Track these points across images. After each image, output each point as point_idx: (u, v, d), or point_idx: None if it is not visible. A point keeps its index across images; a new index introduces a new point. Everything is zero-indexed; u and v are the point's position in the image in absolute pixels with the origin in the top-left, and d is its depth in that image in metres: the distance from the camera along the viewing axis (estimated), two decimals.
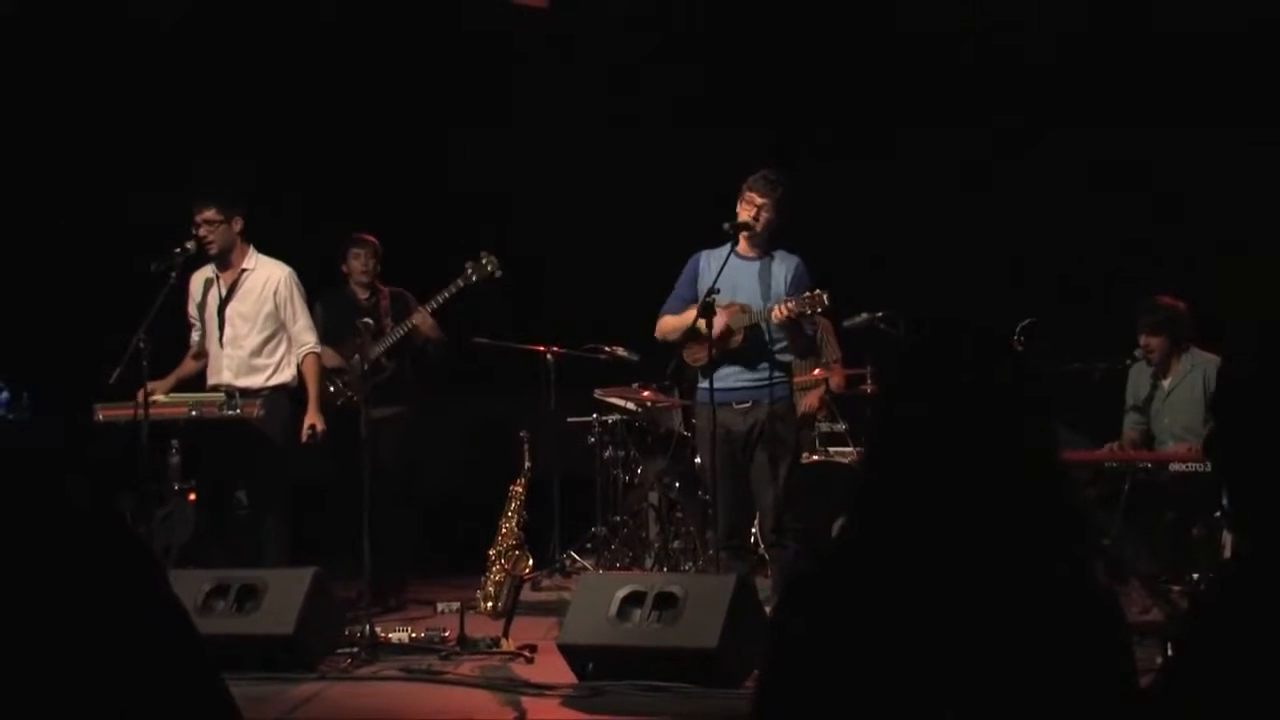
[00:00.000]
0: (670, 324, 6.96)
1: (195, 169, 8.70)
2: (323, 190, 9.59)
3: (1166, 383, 7.64)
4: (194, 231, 7.20)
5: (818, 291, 6.52)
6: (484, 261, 7.77)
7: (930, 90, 9.53)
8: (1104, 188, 9.25)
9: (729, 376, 6.82)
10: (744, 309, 6.77)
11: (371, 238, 8.28)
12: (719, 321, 6.68)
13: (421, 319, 7.92)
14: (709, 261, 6.88)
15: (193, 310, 7.47)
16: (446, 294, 7.85)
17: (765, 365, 6.81)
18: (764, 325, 6.74)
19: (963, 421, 1.98)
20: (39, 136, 9.14)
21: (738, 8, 9.84)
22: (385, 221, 8.85)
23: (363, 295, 8.17)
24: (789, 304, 6.57)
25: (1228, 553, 6.24)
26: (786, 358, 6.92)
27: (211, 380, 7.33)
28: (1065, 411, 2.99)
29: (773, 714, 2.00)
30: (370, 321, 7.40)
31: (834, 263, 7.03)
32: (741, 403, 6.83)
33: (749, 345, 6.79)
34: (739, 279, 6.82)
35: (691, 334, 6.80)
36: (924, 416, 2.00)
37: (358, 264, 8.18)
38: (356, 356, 7.54)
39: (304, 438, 7.28)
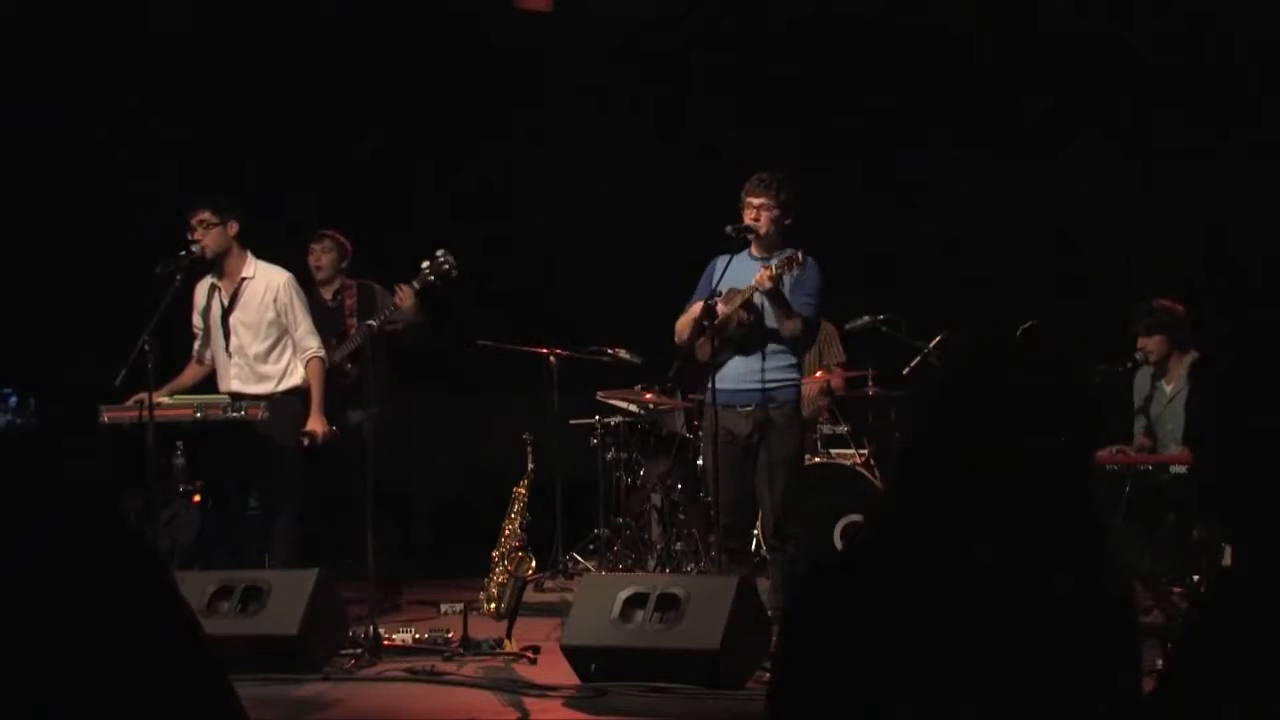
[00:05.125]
0: (683, 322, 6.96)
1: (199, 175, 8.72)
2: (327, 191, 9.61)
3: (1169, 387, 7.48)
4: (189, 235, 7.15)
5: (795, 252, 6.54)
6: (441, 260, 7.50)
7: (935, 90, 9.55)
8: (1102, 188, 9.27)
9: (734, 380, 6.81)
10: (735, 289, 6.76)
11: (333, 232, 8.11)
12: (721, 315, 6.71)
13: (403, 296, 7.60)
14: (726, 265, 6.85)
15: (197, 320, 7.43)
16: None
17: (770, 369, 6.81)
18: (758, 303, 6.72)
19: (1005, 455, 1.93)
20: (44, 138, 9.16)
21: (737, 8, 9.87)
22: (387, 223, 8.87)
23: (326, 294, 8.03)
24: (768, 268, 6.57)
25: (1228, 556, 6.24)
26: (790, 360, 6.90)
27: (222, 389, 7.31)
28: None
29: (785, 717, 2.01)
30: (366, 323, 7.39)
31: (835, 264, 7.03)
32: (745, 406, 6.83)
33: (752, 347, 6.78)
34: (746, 278, 6.81)
35: (699, 330, 6.81)
36: (961, 456, 1.95)
37: (312, 260, 8.02)
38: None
39: (303, 444, 7.22)
